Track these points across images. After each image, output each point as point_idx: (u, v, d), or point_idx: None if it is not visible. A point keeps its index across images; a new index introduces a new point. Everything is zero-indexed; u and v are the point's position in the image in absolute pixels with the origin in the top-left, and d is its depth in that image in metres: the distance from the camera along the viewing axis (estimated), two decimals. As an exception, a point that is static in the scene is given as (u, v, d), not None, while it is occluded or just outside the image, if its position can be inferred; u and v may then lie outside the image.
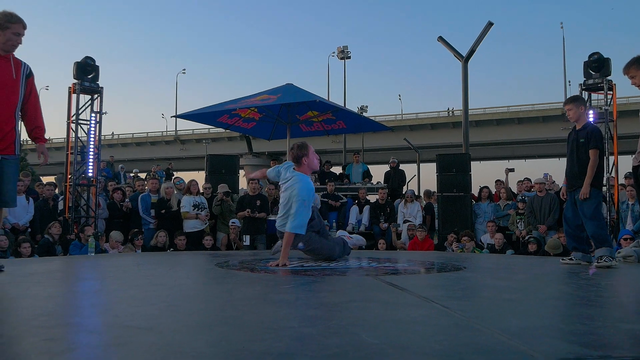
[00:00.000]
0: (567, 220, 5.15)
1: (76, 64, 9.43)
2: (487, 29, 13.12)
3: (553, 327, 2.04)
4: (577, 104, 5.10)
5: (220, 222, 9.49)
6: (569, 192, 5.14)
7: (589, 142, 4.89)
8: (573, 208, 5.05)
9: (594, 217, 4.84)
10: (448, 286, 3.50)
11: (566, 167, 5.20)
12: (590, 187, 4.84)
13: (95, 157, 9.50)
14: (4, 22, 3.75)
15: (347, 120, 11.80)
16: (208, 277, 4.10)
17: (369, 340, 1.75)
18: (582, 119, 5.09)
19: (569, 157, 5.13)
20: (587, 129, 5.00)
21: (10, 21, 3.77)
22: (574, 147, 5.06)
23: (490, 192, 10.44)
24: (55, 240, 8.01)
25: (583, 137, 4.95)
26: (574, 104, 5.11)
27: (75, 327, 2.05)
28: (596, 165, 4.87)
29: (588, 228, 4.88)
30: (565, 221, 5.22)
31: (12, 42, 3.80)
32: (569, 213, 5.11)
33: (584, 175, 4.87)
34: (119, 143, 55.07)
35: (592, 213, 4.84)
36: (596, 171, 4.90)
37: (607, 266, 4.64)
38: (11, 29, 3.78)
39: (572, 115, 5.08)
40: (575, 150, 5.02)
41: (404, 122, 47.26)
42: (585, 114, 5.21)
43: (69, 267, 4.95)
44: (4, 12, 3.79)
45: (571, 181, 5.09)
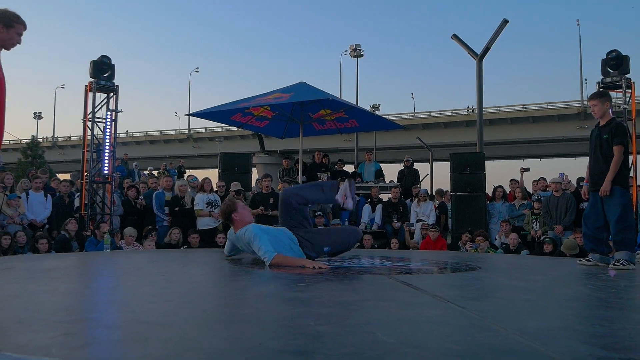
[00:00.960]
0: (587, 220, 4.95)
1: (92, 63, 9.52)
2: (502, 27, 13.01)
3: (572, 328, 2.02)
4: (603, 100, 4.91)
5: (233, 219, 9.52)
6: (591, 191, 4.93)
7: (613, 138, 4.69)
8: (594, 208, 4.86)
9: (618, 219, 4.62)
10: (463, 286, 3.48)
11: (588, 165, 5.02)
12: (617, 185, 4.63)
13: (110, 154, 9.57)
14: (11, 20, 3.87)
15: (360, 119, 11.77)
16: (222, 275, 4.11)
17: (385, 339, 1.74)
18: (606, 115, 4.88)
19: (592, 154, 4.93)
20: (611, 125, 4.79)
21: (17, 21, 3.90)
22: (597, 143, 4.84)
23: (504, 191, 10.36)
24: (72, 236, 8.09)
25: (607, 132, 4.74)
26: (599, 99, 4.92)
27: (93, 322, 2.07)
28: (620, 162, 4.66)
29: (613, 230, 4.68)
30: (584, 222, 5.03)
31: (13, 41, 3.92)
32: (590, 213, 4.92)
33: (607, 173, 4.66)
34: (133, 141, 55.48)
35: (620, 214, 4.61)
36: (623, 169, 4.70)
37: (624, 270, 4.48)
38: (16, 29, 3.90)
39: (597, 111, 4.89)
40: (599, 147, 4.80)
41: (416, 121, 47.03)
42: (610, 110, 4.98)
43: (85, 263, 5.00)
44: (12, 12, 3.91)
45: (594, 180, 4.87)
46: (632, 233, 4.84)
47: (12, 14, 3.89)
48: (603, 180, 4.70)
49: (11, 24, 3.87)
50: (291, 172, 12.26)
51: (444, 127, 45.85)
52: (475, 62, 13.34)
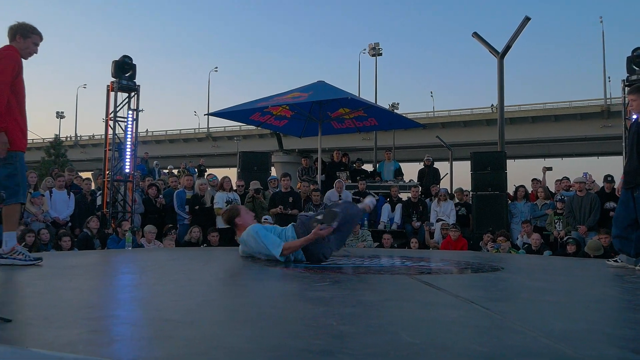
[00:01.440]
0: (617, 220, 4.79)
1: (114, 63, 9.61)
2: (524, 24, 12.84)
3: (600, 331, 1.98)
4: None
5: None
6: (625, 189, 4.75)
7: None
8: (626, 207, 4.69)
9: None
10: (486, 287, 3.44)
11: (625, 163, 4.84)
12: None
13: (132, 153, 9.66)
14: (28, 31, 4.18)
15: (379, 117, 11.74)
16: (243, 273, 4.12)
17: (409, 340, 1.73)
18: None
19: (629, 151, 4.76)
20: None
21: (33, 32, 4.21)
22: (634, 140, 4.65)
23: (526, 191, 10.22)
24: (94, 234, 8.19)
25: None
26: (637, 94, 4.72)
27: (118, 320, 2.09)
28: None
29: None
30: (614, 221, 4.87)
31: (30, 51, 4.21)
32: (621, 212, 4.76)
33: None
34: (152, 140, 56.01)
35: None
36: None
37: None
38: (32, 39, 4.20)
39: (636, 106, 4.73)
40: (636, 143, 4.62)
41: (436, 120, 46.74)
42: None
43: (107, 260, 5.06)
44: (29, 24, 4.22)
45: (628, 178, 4.71)
46: None
47: (29, 26, 4.20)
48: (637, 178, 4.56)
49: (28, 35, 4.16)
50: (310, 171, 12.26)
51: (464, 126, 45.49)
52: (497, 60, 13.19)
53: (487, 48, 13.44)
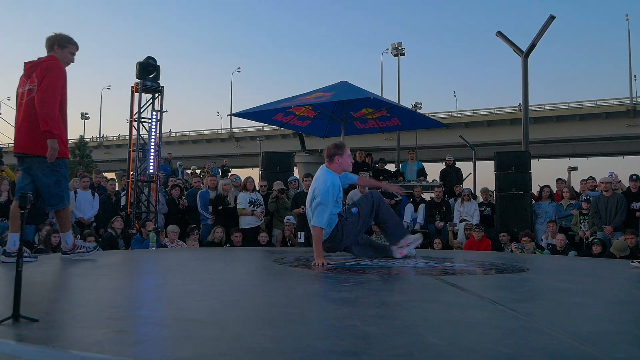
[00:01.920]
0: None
1: (138, 64, 9.73)
2: (548, 23, 12.65)
3: (629, 332, 1.94)
4: None
5: (275, 218, 9.59)
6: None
7: None
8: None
9: None
10: (511, 287, 3.40)
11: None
12: None
13: (155, 154, 9.77)
14: (65, 42, 4.42)
15: (402, 117, 11.68)
16: (266, 274, 4.14)
17: (434, 341, 1.72)
18: None
19: None
20: None
21: (69, 42, 4.45)
22: None
23: (551, 191, 10.08)
24: (118, 234, 8.30)
25: None
26: None
27: (143, 320, 2.11)
28: None
29: None
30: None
31: (67, 60, 4.45)
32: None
33: None
34: (176, 140, 56.66)
35: None
36: None
37: None
38: (69, 49, 4.44)
39: None
40: None
41: (459, 119, 46.41)
42: None
43: (132, 260, 5.12)
44: (65, 35, 4.46)
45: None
46: None
47: (65, 36, 4.44)
48: None
49: (65, 45, 4.40)
50: (332, 171, 12.25)
51: (487, 126, 45.08)
52: (521, 59, 13.02)
53: (511, 47, 13.28)
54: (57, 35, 4.39)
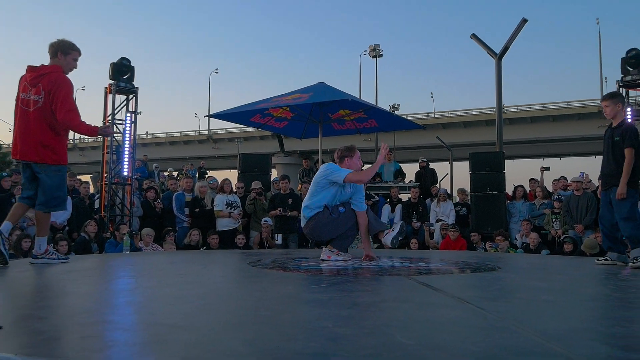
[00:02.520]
0: (602, 219, 5.07)
1: (112, 65, 9.62)
2: (521, 26, 12.86)
3: (592, 329, 1.99)
4: (615, 101, 5.00)
5: (253, 220, 9.56)
6: (604, 190, 5.05)
7: (624, 141, 4.78)
8: (608, 207, 4.96)
9: (629, 218, 4.74)
10: (483, 287, 3.45)
11: (601, 166, 5.12)
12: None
13: (130, 156, 9.67)
14: (68, 48, 4.53)
15: (379, 119, 11.74)
16: (241, 276, 4.13)
17: (403, 341, 1.74)
18: (618, 116, 4.98)
19: (604, 155, 5.05)
20: (622, 127, 4.89)
21: (72, 49, 4.56)
22: (609, 145, 4.96)
23: (525, 190, 10.24)
24: (91, 238, 8.19)
25: (618, 135, 4.85)
26: (611, 100, 5.01)
27: (112, 325, 2.09)
28: (632, 164, 4.75)
29: (623, 229, 4.79)
30: (600, 221, 5.15)
31: (71, 66, 4.59)
32: (604, 212, 5.03)
33: (618, 175, 4.76)
34: (152, 142, 56.00)
35: (627, 213, 4.73)
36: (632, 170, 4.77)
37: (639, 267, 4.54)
38: (72, 55, 4.57)
39: (609, 112, 4.98)
40: (611, 148, 4.92)
41: (436, 121, 46.79)
42: (622, 112, 5.11)
43: (105, 265, 5.06)
44: (68, 41, 4.57)
45: (605, 180, 5.00)
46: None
47: (69, 43, 4.56)
48: (613, 180, 4.82)
49: (68, 52, 4.53)
50: (311, 173, 12.26)
51: (464, 127, 45.54)
52: (495, 62, 13.20)
53: (485, 49, 13.47)
54: (60, 42, 4.50)
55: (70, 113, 4.34)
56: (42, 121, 4.32)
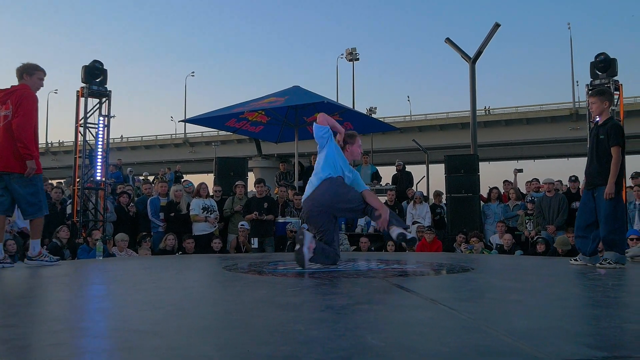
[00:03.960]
0: (579, 219, 4.97)
1: (84, 68, 9.48)
2: (494, 30, 13.07)
3: (560, 328, 2.02)
4: (602, 98, 4.88)
5: (231, 224, 9.49)
6: (587, 190, 4.93)
7: (610, 139, 4.67)
8: (586, 207, 4.88)
9: (610, 220, 4.65)
10: (455, 288, 3.48)
11: (586, 164, 5.01)
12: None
13: (103, 160, 9.53)
14: (32, 70, 4.93)
15: (355, 121, 11.79)
16: (216, 281, 4.10)
17: (374, 342, 1.75)
18: (604, 113, 4.88)
19: (589, 153, 4.95)
20: (607, 125, 4.77)
21: (36, 69, 4.96)
22: (593, 143, 4.86)
23: (499, 192, 10.38)
24: (64, 244, 8.04)
25: (603, 133, 4.74)
26: (598, 97, 4.89)
27: (81, 332, 2.06)
28: (619, 163, 4.64)
29: (602, 229, 4.70)
30: (577, 219, 5.05)
31: (37, 85, 4.98)
32: (581, 212, 4.94)
33: (602, 173, 4.68)
34: (128, 146, 55.37)
35: (611, 214, 4.64)
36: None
37: (611, 268, 4.52)
38: (37, 75, 4.96)
39: (595, 109, 4.90)
40: (595, 146, 4.81)
41: (412, 124, 47.20)
42: (608, 110, 4.97)
43: (76, 271, 4.97)
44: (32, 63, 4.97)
45: (589, 179, 4.90)
46: (623, 235, 4.89)
47: (32, 65, 4.96)
48: (597, 179, 4.74)
49: (32, 72, 4.93)
50: (288, 176, 12.26)
51: (440, 130, 46.01)
52: (469, 65, 13.39)
53: (459, 53, 13.65)
54: (24, 65, 4.92)
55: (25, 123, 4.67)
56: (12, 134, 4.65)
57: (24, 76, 4.88)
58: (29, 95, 4.80)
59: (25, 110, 4.69)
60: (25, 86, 4.84)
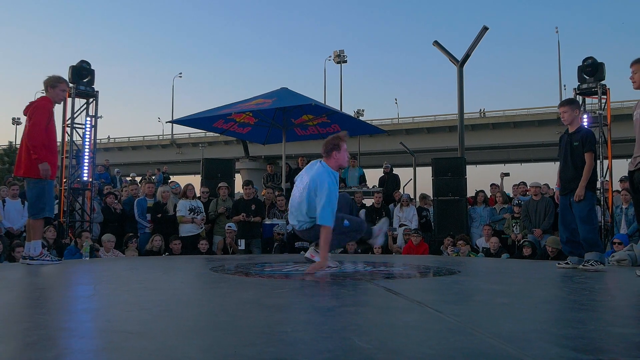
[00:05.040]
0: (563, 224, 5.15)
1: (71, 68, 9.39)
2: (482, 34, 13.16)
3: (545, 331, 2.04)
4: (572, 107, 5.15)
5: (217, 226, 9.46)
6: (562, 195, 5.15)
7: (584, 146, 4.92)
8: (566, 211, 5.07)
9: (586, 221, 4.85)
10: (442, 290, 3.50)
11: (559, 171, 5.22)
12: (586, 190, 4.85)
13: (90, 161, 9.46)
14: (55, 82, 5.28)
15: (342, 124, 11.81)
16: (202, 282, 4.09)
17: (360, 344, 1.75)
18: (575, 122, 5.14)
19: (562, 160, 5.16)
20: (580, 133, 5.03)
21: (58, 82, 5.31)
22: (567, 150, 5.08)
23: (486, 196, 10.44)
24: (50, 244, 7.96)
25: (577, 140, 4.97)
26: (569, 106, 5.15)
27: (67, 332, 2.04)
28: (592, 168, 4.89)
29: (580, 231, 4.89)
30: (560, 226, 5.24)
31: (60, 97, 5.42)
32: (564, 217, 5.12)
33: (577, 179, 4.89)
34: (115, 147, 54.99)
35: (586, 216, 4.85)
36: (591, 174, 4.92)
37: (593, 270, 4.66)
38: (59, 87, 5.32)
39: (567, 118, 5.11)
40: (570, 153, 5.04)
41: (400, 126, 47.37)
42: (579, 118, 5.28)
43: (62, 271, 4.93)
44: (54, 76, 5.34)
45: (565, 184, 5.11)
46: (596, 234, 5.10)
47: (55, 78, 5.31)
48: (573, 184, 4.93)
49: (55, 85, 5.28)
50: (275, 178, 12.25)
51: (427, 133, 46.19)
52: (457, 69, 13.46)
53: (447, 56, 13.72)
54: (49, 78, 5.27)
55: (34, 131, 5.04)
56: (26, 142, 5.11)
57: (48, 89, 5.27)
58: (40, 106, 5.18)
59: (35, 120, 5.08)
60: (43, 99, 5.26)
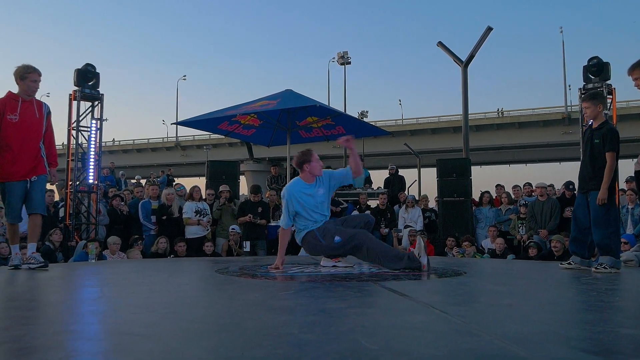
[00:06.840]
0: (575, 221, 4.95)
1: (77, 71, 9.45)
2: (486, 34, 13.14)
3: (553, 332, 2.03)
4: (595, 102, 4.85)
5: (220, 228, 9.47)
6: (580, 193, 4.93)
7: (605, 144, 4.64)
8: (581, 210, 4.87)
9: (601, 225, 4.63)
10: (448, 292, 3.49)
11: (580, 168, 4.98)
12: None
13: (95, 163, 9.50)
14: (23, 73, 4.71)
15: (347, 125, 11.78)
16: (208, 284, 4.10)
17: (367, 346, 1.75)
18: (599, 117, 4.85)
19: (583, 157, 4.94)
20: (603, 129, 4.73)
21: (27, 72, 4.73)
22: (587, 146, 4.82)
23: (491, 196, 10.42)
24: (56, 247, 7.99)
25: (598, 137, 4.71)
26: (591, 101, 4.87)
27: (74, 335, 2.05)
28: (613, 169, 4.60)
29: (595, 234, 4.68)
30: (573, 222, 5.03)
31: (32, 88, 4.78)
32: (578, 215, 4.92)
33: (595, 178, 4.65)
34: (120, 149, 55.12)
35: (601, 219, 4.63)
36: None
37: (606, 273, 4.52)
38: (29, 78, 4.74)
39: (589, 114, 4.88)
40: (590, 150, 4.78)
41: (404, 127, 47.28)
42: (602, 113, 4.94)
43: (69, 274, 4.95)
44: (23, 66, 4.75)
45: (582, 183, 4.90)
46: (617, 240, 4.86)
47: (23, 68, 4.74)
48: (591, 184, 4.72)
49: (25, 76, 4.73)
50: (279, 180, 12.25)
51: (432, 133, 46.10)
52: (461, 69, 13.44)
53: (451, 57, 13.71)
54: (17, 69, 4.74)
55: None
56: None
57: (18, 81, 4.77)
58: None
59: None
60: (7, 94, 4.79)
